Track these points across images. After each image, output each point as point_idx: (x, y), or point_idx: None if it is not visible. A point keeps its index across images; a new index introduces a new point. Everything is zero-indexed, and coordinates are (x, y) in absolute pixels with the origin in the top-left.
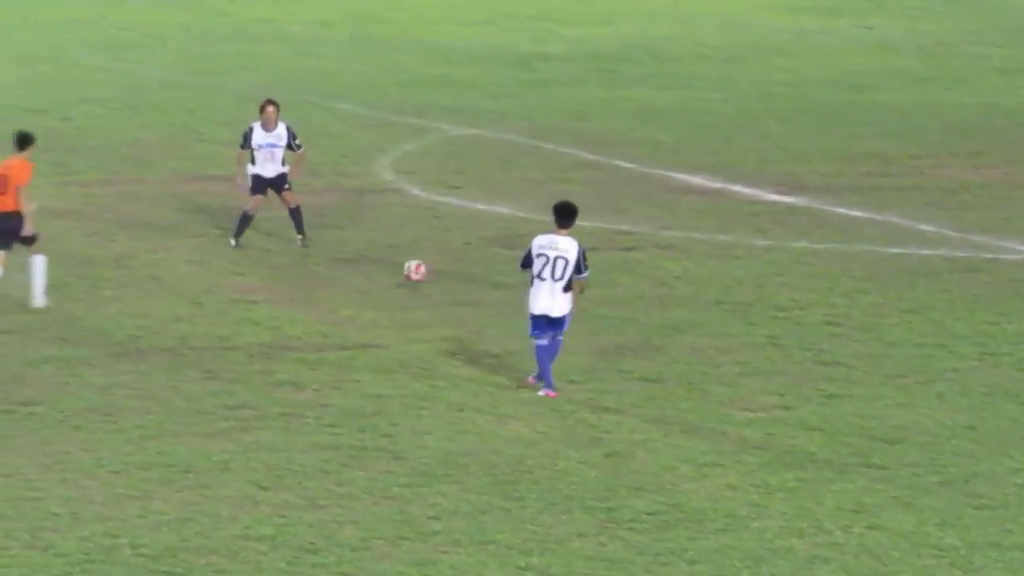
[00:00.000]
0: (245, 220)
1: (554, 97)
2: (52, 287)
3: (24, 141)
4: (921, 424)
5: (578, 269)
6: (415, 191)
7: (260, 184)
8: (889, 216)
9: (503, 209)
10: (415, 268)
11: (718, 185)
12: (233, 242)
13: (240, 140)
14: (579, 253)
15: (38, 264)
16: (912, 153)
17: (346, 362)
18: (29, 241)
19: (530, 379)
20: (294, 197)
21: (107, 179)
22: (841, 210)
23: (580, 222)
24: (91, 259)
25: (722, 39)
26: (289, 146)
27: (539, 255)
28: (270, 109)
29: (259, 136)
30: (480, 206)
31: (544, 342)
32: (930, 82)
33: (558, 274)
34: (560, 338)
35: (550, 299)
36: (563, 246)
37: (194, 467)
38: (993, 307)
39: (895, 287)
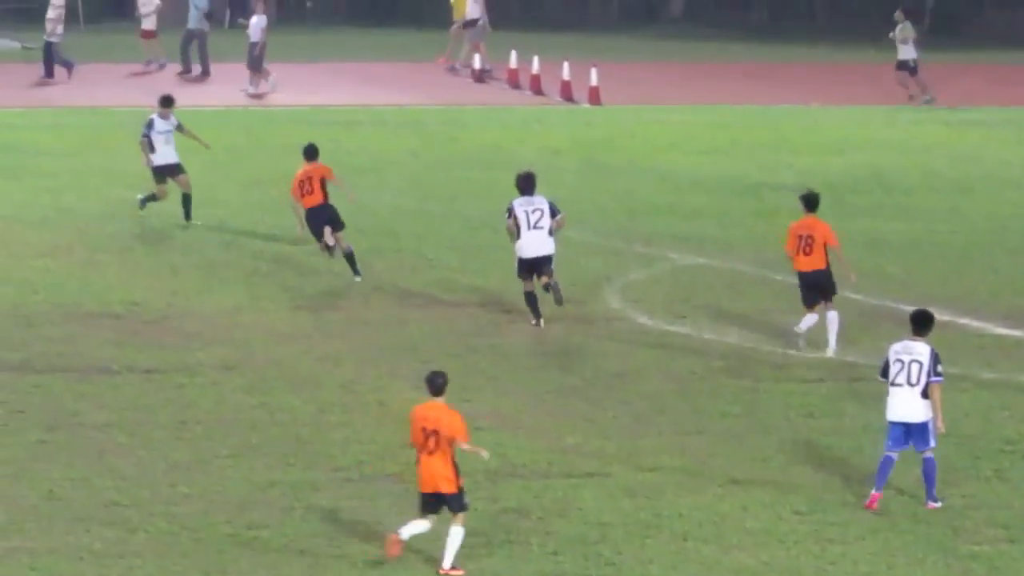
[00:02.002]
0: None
1: (783, 227)
2: (281, 411)
3: (813, 201)
4: None
5: (932, 373)
6: (642, 319)
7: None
8: None
9: (731, 339)
10: None
11: (946, 318)
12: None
13: None
14: (932, 356)
15: (833, 318)
16: None
17: (571, 490)
18: (828, 297)
19: (874, 496)
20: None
21: (336, 304)
22: None
23: (807, 354)
24: (319, 383)
25: (952, 170)
26: None
27: (895, 361)
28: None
29: None
30: (707, 335)
31: (894, 455)
32: None
33: (914, 379)
34: (930, 455)
35: (907, 405)
36: (918, 350)
37: None
38: None
39: None
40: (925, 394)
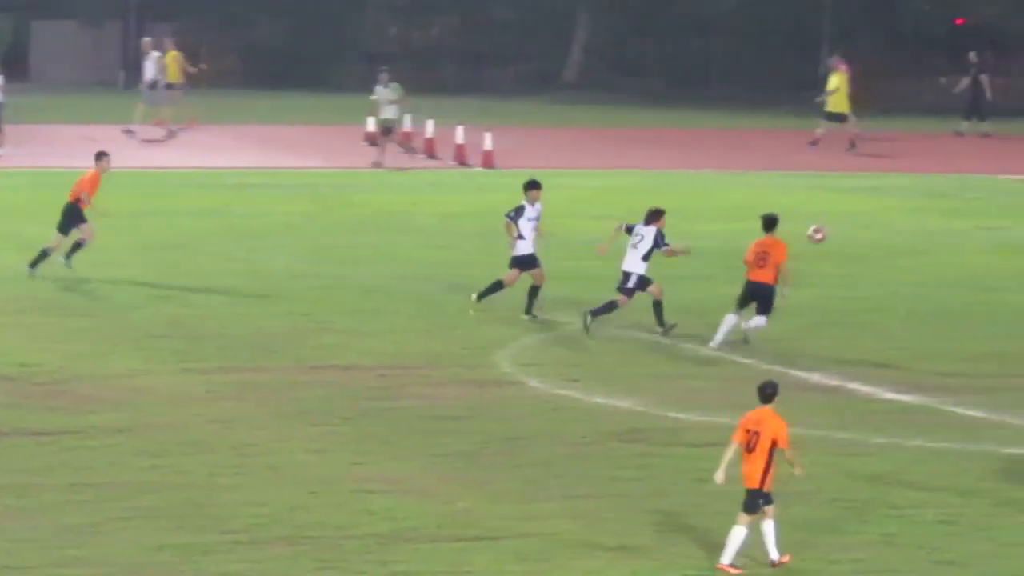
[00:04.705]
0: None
1: (681, 293)
2: (174, 473)
3: (771, 222)
4: None
5: None
6: (534, 383)
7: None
8: (1005, 416)
9: (623, 403)
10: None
11: (835, 383)
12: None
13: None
14: None
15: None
16: None
17: (461, 554)
18: (766, 310)
19: None
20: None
21: (229, 367)
22: (958, 410)
23: (704, 417)
24: (211, 446)
25: (847, 237)
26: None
27: None
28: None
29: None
30: (599, 400)
31: None
32: None
33: None
34: None
35: None
36: None
37: None
38: None
39: (1011, 487)
40: None
